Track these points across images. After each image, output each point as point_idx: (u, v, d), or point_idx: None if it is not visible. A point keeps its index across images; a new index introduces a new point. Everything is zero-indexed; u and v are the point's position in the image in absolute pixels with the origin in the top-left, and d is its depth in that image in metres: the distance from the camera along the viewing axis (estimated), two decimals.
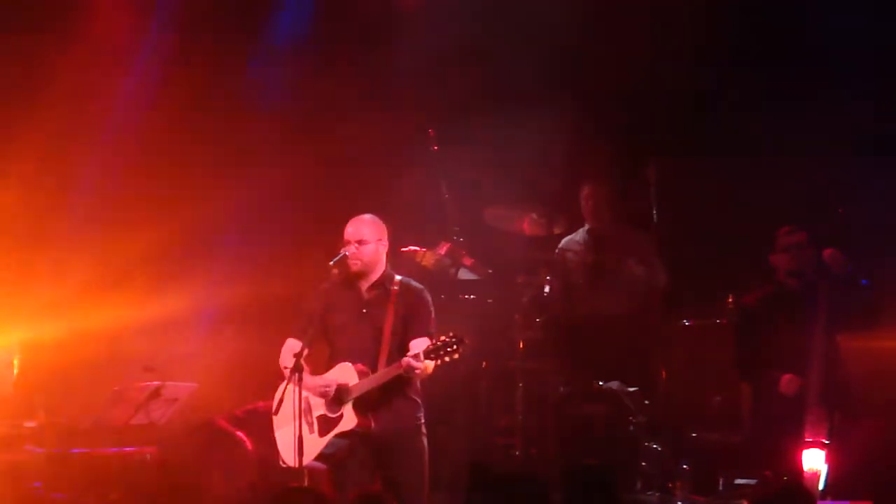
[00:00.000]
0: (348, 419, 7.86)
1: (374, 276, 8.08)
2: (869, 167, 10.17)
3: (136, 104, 11.02)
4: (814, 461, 8.76)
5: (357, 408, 7.85)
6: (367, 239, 8.03)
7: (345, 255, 8.00)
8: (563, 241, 10.71)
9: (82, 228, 10.85)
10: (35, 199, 10.79)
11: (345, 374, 7.91)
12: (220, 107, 11.10)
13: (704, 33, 10.67)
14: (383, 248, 8.11)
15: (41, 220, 10.86)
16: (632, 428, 9.84)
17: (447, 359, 7.66)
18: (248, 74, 11.25)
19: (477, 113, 10.83)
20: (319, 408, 7.93)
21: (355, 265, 8.01)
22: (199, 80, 11.07)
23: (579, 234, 10.69)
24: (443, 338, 7.69)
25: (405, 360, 7.72)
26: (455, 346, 7.68)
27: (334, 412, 7.90)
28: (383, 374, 7.85)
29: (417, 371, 7.75)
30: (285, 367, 7.93)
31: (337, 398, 7.88)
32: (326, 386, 7.87)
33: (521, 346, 10.28)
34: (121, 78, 10.98)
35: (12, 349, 9.80)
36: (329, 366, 8.02)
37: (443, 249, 10.27)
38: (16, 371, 9.70)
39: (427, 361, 7.71)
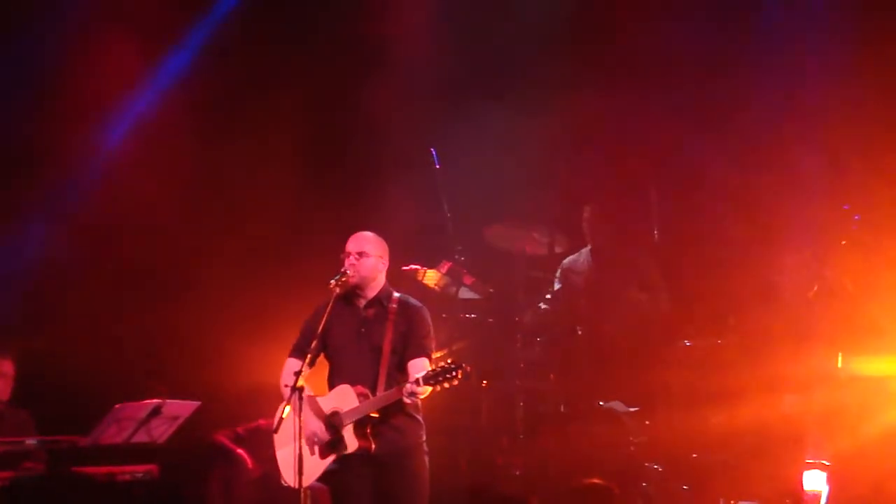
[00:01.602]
0: (348, 443, 7.82)
1: (372, 293, 8.06)
2: None
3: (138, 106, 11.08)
4: (815, 482, 8.76)
5: (357, 431, 7.82)
6: (368, 252, 8.03)
7: (345, 272, 7.99)
8: (567, 260, 10.72)
9: (85, 239, 10.87)
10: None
11: (344, 396, 7.88)
12: (224, 120, 11.14)
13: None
14: (383, 266, 8.10)
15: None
16: (632, 448, 9.84)
17: (447, 385, 7.65)
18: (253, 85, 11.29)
19: (478, 132, 10.85)
20: (319, 432, 7.90)
21: (353, 277, 7.98)
22: (206, 89, 11.12)
23: (582, 255, 10.70)
24: (442, 364, 7.67)
25: (407, 386, 7.69)
26: (455, 373, 7.67)
27: (333, 436, 7.87)
28: (383, 397, 7.82)
29: (420, 397, 7.75)
30: (286, 386, 7.90)
31: (331, 426, 7.85)
32: (317, 433, 7.83)
33: (522, 365, 10.27)
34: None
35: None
36: (330, 384, 8.01)
37: (444, 268, 10.28)
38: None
39: (425, 387, 7.69)
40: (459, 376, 7.66)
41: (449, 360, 7.67)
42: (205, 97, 11.18)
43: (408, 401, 7.73)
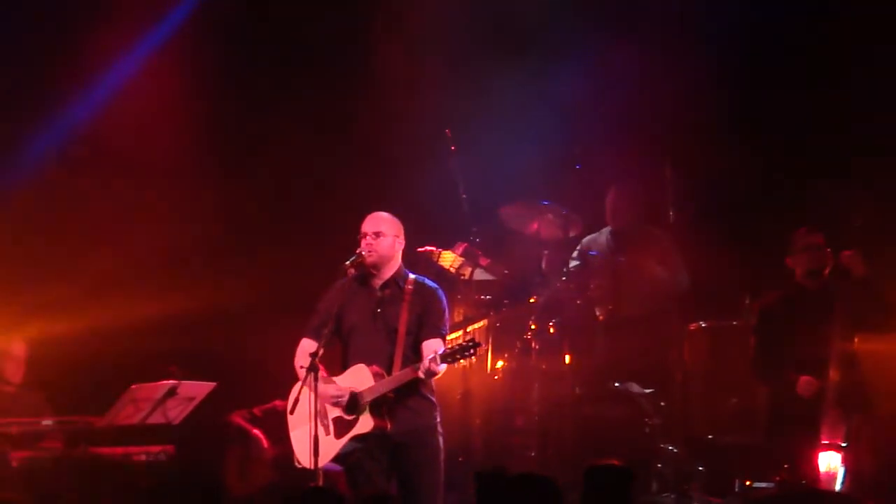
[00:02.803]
0: (364, 422, 7.83)
1: (388, 274, 8.05)
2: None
3: (152, 99, 11.04)
4: (830, 463, 8.74)
5: (373, 410, 7.83)
6: (384, 232, 8.02)
7: (360, 254, 7.99)
8: (585, 239, 10.68)
9: (99, 223, 10.88)
10: (51, 194, 10.82)
11: (359, 376, 7.89)
12: (237, 103, 11.12)
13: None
14: (399, 245, 8.09)
15: (57, 215, 10.88)
16: (647, 430, 9.84)
17: (462, 361, 7.67)
18: (261, 68, 11.26)
19: (493, 114, 10.83)
20: (335, 410, 7.91)
21: (370, 256, 7.98)
22: (218, 75, 11.08)
23: (602, 235, 10.67)
24: (459, 341, 7.68)
25: (424, 364, 7.70)
26: (471, 350, 7.68)
27: (350, 415, 7.88)
28: (398, 377, 7.82)
29: (436, 374, 7.75)
30: (301, 367, 7.91)
31: (351, 405, 7.86)
32: (339, 396, 7.85)
33: (537, 346, 10.26)
34: (141, 71, 10.99)
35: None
36: (344, 366, 8.02)
37: (459, 249, 10.27)
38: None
39: (442, 365, 7.70)
40: (475, 353, 7.68)
41: (468, 338, 7.69)
42: (218, 73, 11.15)
43: (422, 375, 7.73)
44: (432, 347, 7.80)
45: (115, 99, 11.00)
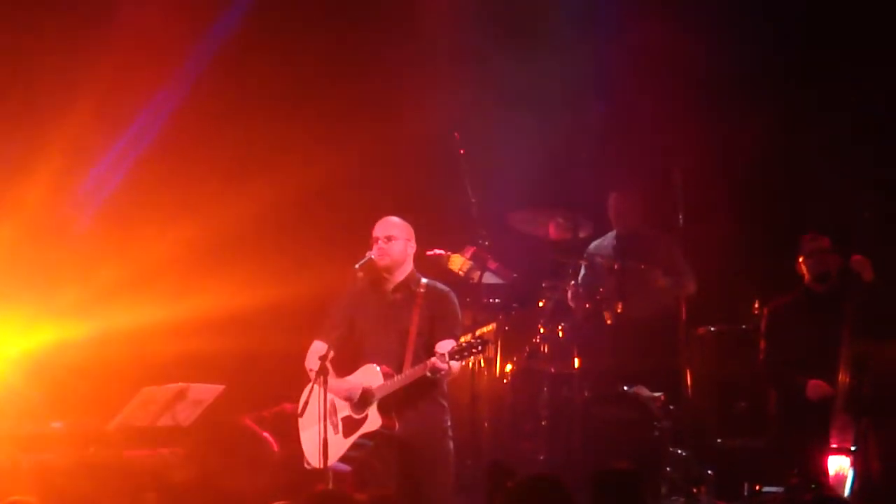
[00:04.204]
0: (373, 420, 7.86)
1: (400, 277, 8.08)
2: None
3: (162, 103, 11.05)
4: (840, 467, 8.73)
5: (381, 409, 7.86)
6: (396, 236, 8.05)
7: (371, 257, 8.01)
8: (592, 244, 10.70)
9: (109, 228, 10.89)
10: (62, 199, 10.84)
11: (369, 375, 7.92)
12: (248, 108, 11.13)
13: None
14: (411, 249, 8.12)
15: (67, 219, 10.91)
16: (656, 433, 9.82)
17: (472, 359, 7.69)
18: (276, 76, 11.27)
19: (503, 115, 10.83)
20: (344, 409, 7.94)
21: (383, 260, 8.01)
22: (228, 81, 11.10)
23: (608, 239, 10.68)
24: (468, 339, 7.70)
25: (431, 360, 7.72)
26: (480, 348, 7.70)
27: (359, 413, 7.90)
28: (408, 375, 7.85)
29: (443, 372, 7.75)
30: (311, 370, 7.94)
31: (362, 401, 7.88)
32: (351, 390, 7.88)
33: (546, 349, 10.26)
34: (149, 77, 10.99)
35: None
36: (355, 368, 8.03)
37: (468, 253, 10.28)
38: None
39: (452, 363, 7.71)
40: (484, 351, 7.71)
41: (477, 334, 7.71)
42: (228, 75, 11.18)
43: (429, 373, 7.73)
44: (444, 348, 7.82)
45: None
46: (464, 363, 7.75)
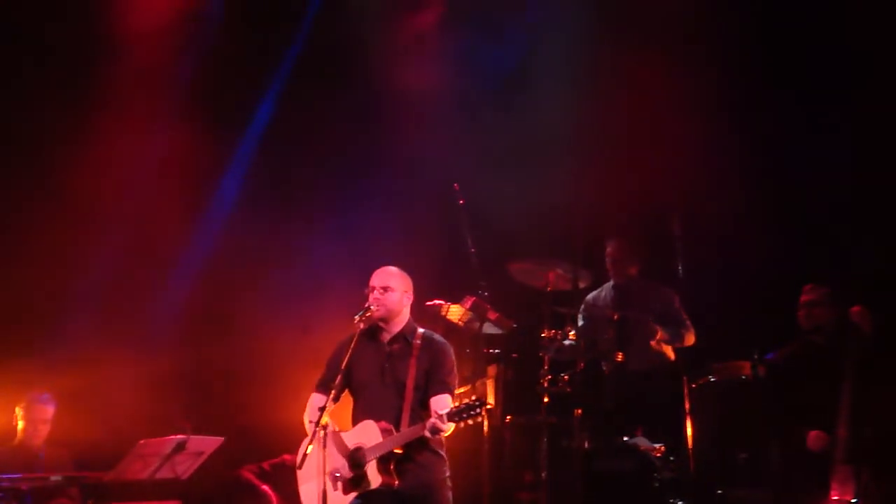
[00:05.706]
0: (371, 479, 7.82)
1: (397, 328, 8.08)
2: None
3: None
4: None
5: (380, 467, 7.82)
6: (392, 287, 8.06)
7: (369, 307, 8.01)
8: (589, 296, 10.72)
9: (108, 288, 10.92)
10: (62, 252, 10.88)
11: (368, 432, 7.88)
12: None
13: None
14: (408, 300, 8.13)
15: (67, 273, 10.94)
16: (657, 484, 9.78)
17: (470, 421, 7.65)
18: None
19: (502, 167, 10.87)
20: (342, 468, 7.89)
21: (378, 311, 8.01)
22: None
23: (605, 290, 10.70)
24: (466, 401, 7.68)
25: (430, 421, 7.69)
26: (478, 409, 7.67)
27: (353, 472, 7.86)
28: (406, 434, 7.82)
29: (442, 433, 7.75)
30: (310, 422, 7.91)
31: (353, 461, 7.84)
32: (343, 458, 7.82)
33: (546, 400, 10.24)
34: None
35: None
36: (355, 420, 8.01)
37: (468, 303, 10.27)
38: (20, 423, 9.77)
39: (448, 423, 7.69)
40: (483, 412, 7.68)
41: (473, 398, 7.68)
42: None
43: (428, 434, 7.72)
44: (441, 403, 7.80)
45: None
46: (461, 425, 7.71)
